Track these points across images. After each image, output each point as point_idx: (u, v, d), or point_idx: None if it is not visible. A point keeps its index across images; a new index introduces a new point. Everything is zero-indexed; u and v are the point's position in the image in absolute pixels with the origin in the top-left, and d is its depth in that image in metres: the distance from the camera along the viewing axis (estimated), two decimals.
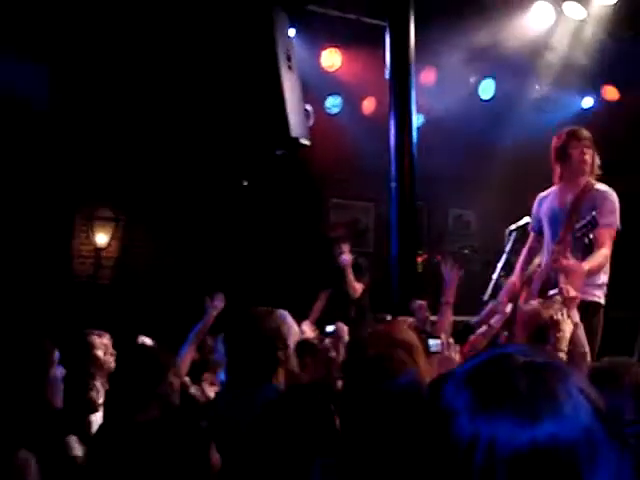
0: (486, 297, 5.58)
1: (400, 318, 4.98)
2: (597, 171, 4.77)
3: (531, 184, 7.64)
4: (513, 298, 4.73)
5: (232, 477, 2.59)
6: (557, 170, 4.82)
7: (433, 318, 5.12)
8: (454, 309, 4.64)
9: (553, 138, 4.85)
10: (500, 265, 5.75)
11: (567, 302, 3.69)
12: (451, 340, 3.45)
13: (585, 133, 4.76)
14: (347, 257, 7.05)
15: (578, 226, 4.36)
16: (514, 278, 4.96)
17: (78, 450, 3.13)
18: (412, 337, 2.67)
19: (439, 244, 8.06)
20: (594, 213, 4.30)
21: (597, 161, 4.78)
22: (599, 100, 9.06)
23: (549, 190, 4.96)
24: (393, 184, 6.43)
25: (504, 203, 7.43)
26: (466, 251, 8.01)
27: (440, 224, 8.49)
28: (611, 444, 0.98)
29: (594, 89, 8.94)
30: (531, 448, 0.96)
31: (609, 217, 4.52)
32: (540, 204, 4.99)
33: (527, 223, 5.48)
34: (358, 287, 7.11)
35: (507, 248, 5.68)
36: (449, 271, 4.58)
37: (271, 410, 2.43)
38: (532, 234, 5.08)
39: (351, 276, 7.07)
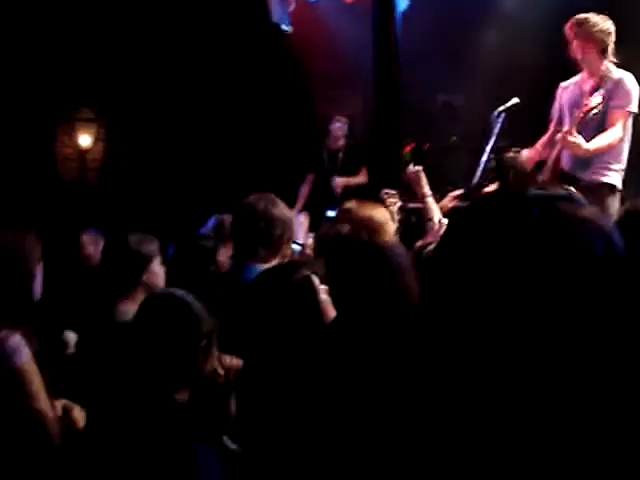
0: (475, 181, 5.52)
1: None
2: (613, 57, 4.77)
3: (519, 68, 7.49)
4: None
5: None
6: (577, 57, 4.81)
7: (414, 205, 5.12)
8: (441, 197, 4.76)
9: (566, 26, 4.81)
10: (488, 149, 5.64)
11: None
12: (444, 220, 3.84)
13: (598, 18, 4.71)
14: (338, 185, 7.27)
15: (589, 108, 4.50)
16: (532, 151, 5.09)
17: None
18: (380, 216, 2.85)
19: (427, 131, 7.93)
20: (603, 94, 4.48)
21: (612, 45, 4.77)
22: None
23: (572, 79, 4.99)
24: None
25: (493, 88, 7.28)
26: (454, 138, 7.89)
27: (427, 111, 8.33)
28: None
29: None
30: None
31: (622, 99, 4.61)
32: (562, 92, 5.04)
33: (515, 104, 5.46)
34: (362, 176, 7.38)
35: (495, 131, 5.56)
36: (406, 174, 4.73)
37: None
38: (553, 122, 5.12)
39: (352, 180, 7.33)
